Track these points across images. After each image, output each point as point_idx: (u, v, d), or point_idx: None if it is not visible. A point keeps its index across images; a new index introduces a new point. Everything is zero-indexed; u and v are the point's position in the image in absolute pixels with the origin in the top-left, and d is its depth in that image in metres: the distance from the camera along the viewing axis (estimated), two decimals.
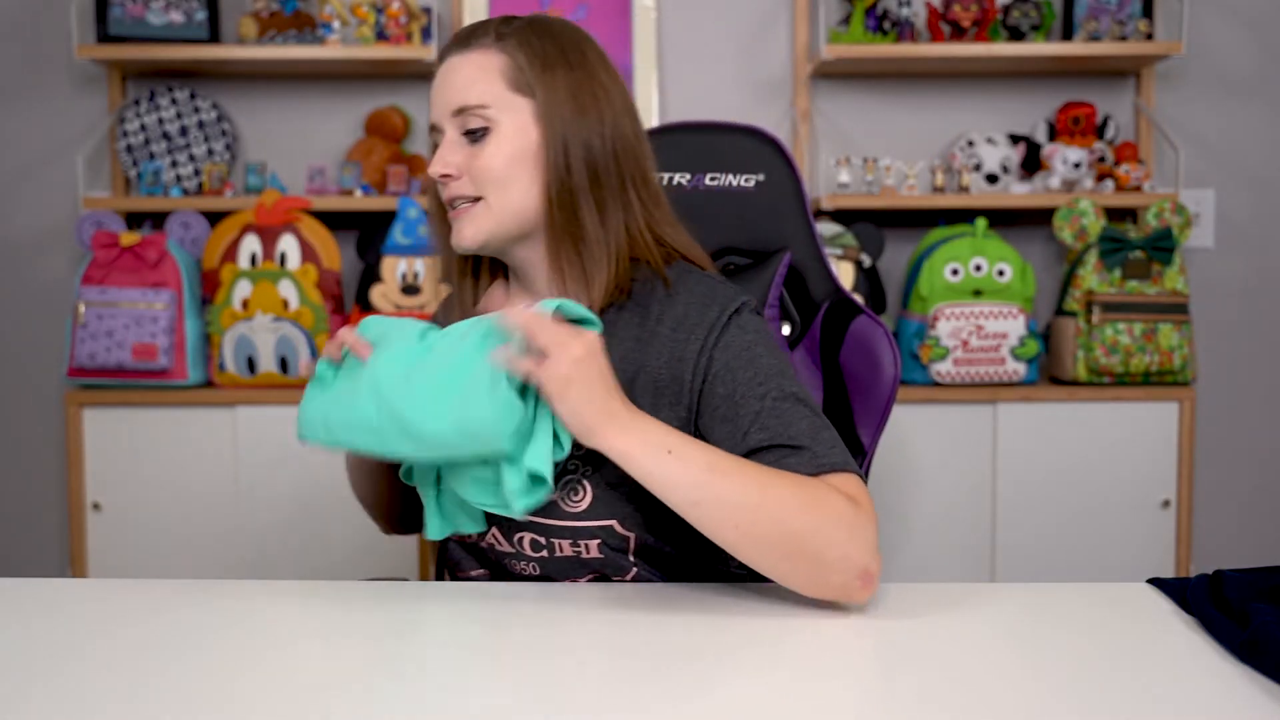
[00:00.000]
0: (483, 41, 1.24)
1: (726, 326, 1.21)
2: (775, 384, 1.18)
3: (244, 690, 0.92)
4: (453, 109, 1.23)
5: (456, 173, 1.23)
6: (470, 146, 1.24)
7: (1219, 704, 0.90)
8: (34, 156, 2.89)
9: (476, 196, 1.24)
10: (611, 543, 1.22)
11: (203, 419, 2.57)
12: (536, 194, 1.24)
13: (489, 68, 1.23)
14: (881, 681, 0.95)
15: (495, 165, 1.22)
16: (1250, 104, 2.88)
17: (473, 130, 1.23)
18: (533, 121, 1.23)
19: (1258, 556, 2.85)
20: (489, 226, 1.24)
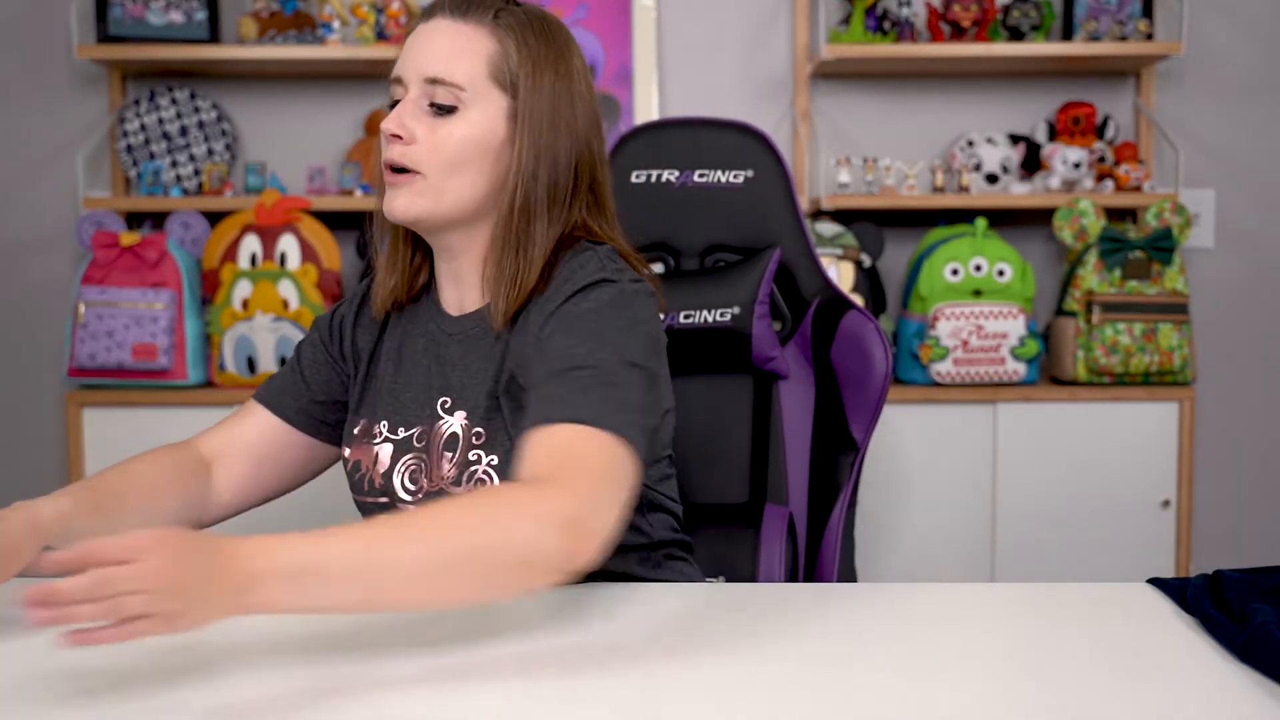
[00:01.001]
0: (479, 17, 1.20)
1: (571, 296, 1.16)
2: (588, 347, 1.11)
3: (244, 690, 0.92)
4: (427, 75, 1.18)
5: (409, 139, 1.18)
6: (430, 118, 1.19)
7: (1219, 704, 0.90)
8: (34, 156, 2.89)
9: (415, 169, 1.19)
10: None
11: (203, 419, 2.55)
12: (481, 188, 1.20)
13: (477, 49, 1.19)
14: (881, 681, 0.94)
15: (450, 148, 1.18)
16: (1250, 104, 2.88)
17: (438, 107, 1.19)
18: (503, 119, 1.20)
19: (1258, 556, 2.84)
20: (425, 205, 1.19)
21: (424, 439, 1.23)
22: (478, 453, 1.19)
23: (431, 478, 1.21)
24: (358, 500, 1.29)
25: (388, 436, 1.25)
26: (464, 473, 1.19)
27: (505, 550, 0.95)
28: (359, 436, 1.28)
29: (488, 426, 1.19)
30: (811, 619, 1.10)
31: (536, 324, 1.16)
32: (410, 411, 1.25)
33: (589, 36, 2.85)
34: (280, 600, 0.90)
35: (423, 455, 1.22)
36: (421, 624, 1.08)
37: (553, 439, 1.04)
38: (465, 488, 1.18)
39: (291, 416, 1.33)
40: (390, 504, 1.24)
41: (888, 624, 1.09)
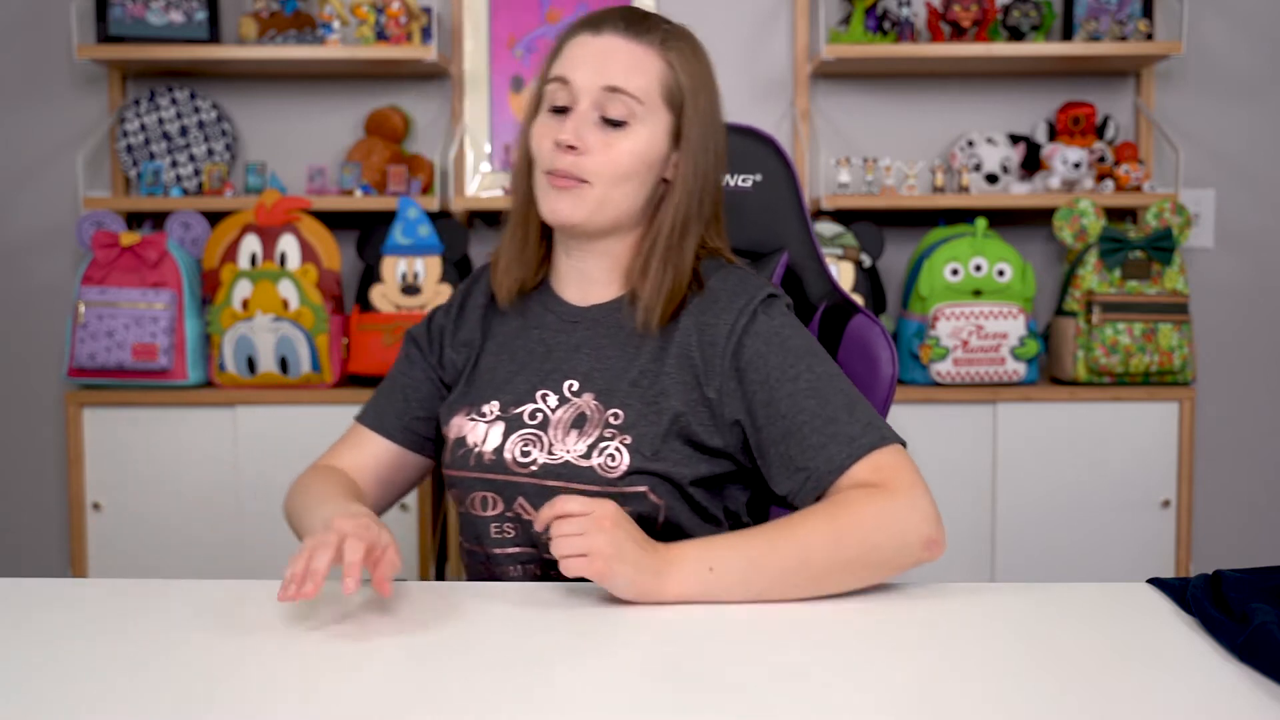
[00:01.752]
0: (649, 37, 1.26)
1: (755, 315, 1.26)
2: (806, 364, 1.23)
3: (244, 690, 0.92)
4: (606, 85, 1.24)
5: (583, 149, 1.25)
6: (602, 130, 1.25)
7: (1219, 704, 0.90)
8: (34, 156, 2.89)
9: (584, 179, 1.25)
10: (644, 510, 1.25)
11: (203, 419, 2.58)
12: (639, 200, 1.28)
13: (650, 68, 1.26)
14: (881, 681, 0.94)
15: (622, 161, 1.25)
16: (1250, 104, 2.88)
17: (612, 118, 1.25)
18: (665, 136, 1.27)
19: (1258, 556, 2.85)
20: (588, 212, 1.26)
21: (538, 415, 1.29)
22: (612, 431, 1.25)
23: (552, 452, 1.26)
24: (458, 475, 1.32)
25: (499, 415, 1.30)
26: (595, 449, 1.25)
27: (870, 554, 1.13)
28: (464, 416, 1.33)
29: (627, 411, 1.26)
30: (811, 619, 1.10)
31: (722, 335, 1.26)
32: (523, 392, 1.31)
33: None
34: (688, 592, 1.11)
35: (539, 431, 1.28)
36: (423, 624, 1.08)
37: (861, 465, 1.18)
38: (595, 461, 1.24)
39: (396, 436, 1.39)
40: (502, 480, 1.28)
41: (887, 624, 1.09)
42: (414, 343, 1.42)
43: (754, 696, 0.91)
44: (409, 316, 2.59)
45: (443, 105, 2.89)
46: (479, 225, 2.92)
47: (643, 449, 1.24)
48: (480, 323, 1.39)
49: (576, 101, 1.25)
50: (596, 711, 0.89)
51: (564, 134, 1.24)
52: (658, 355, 1.28)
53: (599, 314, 1.33)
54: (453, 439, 1.33)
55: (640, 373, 1.28)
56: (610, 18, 1.27)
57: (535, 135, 1.28)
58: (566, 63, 1.27)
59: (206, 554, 2.57)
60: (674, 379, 1.27)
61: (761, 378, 1.23)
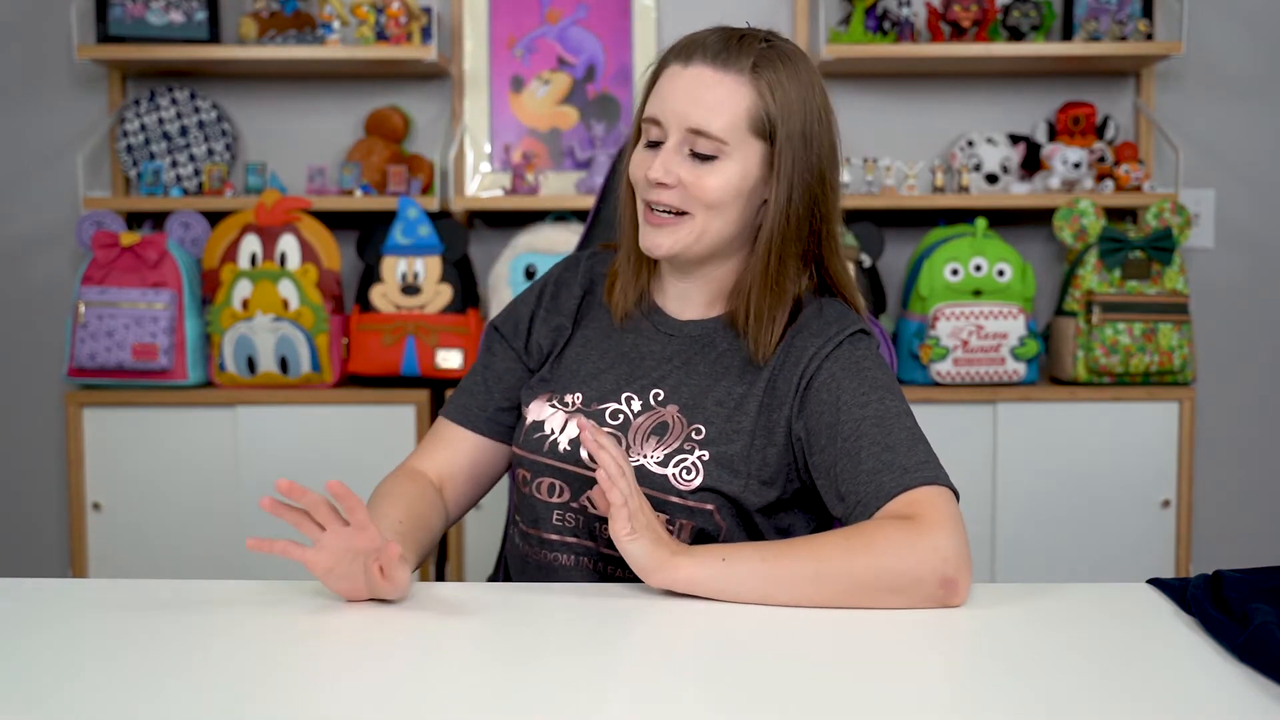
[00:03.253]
0: (738, 66, 1.25)
1: (841, 344, 1.28)
2: (878, 396, 1.24)
3: (244, 690, 0.92)
4: (689, 126, 1.25)
5: (674, 184, 1.26)
6: (692, 164, 1.26)
7: (1219, 704, 0.90)
8: (34, 156, 2.89)
9: (682, 211, 1.26)
10: (708, 528, 1.27)
11: (203, 419, 2.57)
12: (736, 226, 1.29)
13: (738, 103, 1.25)
14: (881, 681, 0.94)
15: (712, 194, 1.26)
16: (1250, 104, 2.88)
17: (700, 152, 1.25)
18: (758, 163, 1.27)
19: (1258, 556, 2.84)
20: (686, 243, 1.28)
21: (619, 416, 1.31)
22: (693, 444, 1.27)
23: (628, 454, 1.28)
24: (531, 458, 1.33)
25: (580, 408, 1.33)
26: (673, 459, 1.27)
27: (881, 575, 1.12)
28: (545, 402, 1.35)
29: (709, 428, 1.28)
30: (810, 619, 1.10)
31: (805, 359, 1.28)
32: (608, 390, 1.33)
33: (589, 36, 2.85)
34: (697, 577, 1.13)
35: (619, 432, 1.30)
36: (424, 625, 1.08)
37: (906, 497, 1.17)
38: (670, 470, 1.26)
39: (482, 427, 1.40)
40: (574, 471, 1.30)
41: (887, 624, 1.09)
42: (497, 332, 1.43)
43: (748, 697, 0.91)
44: (409, 316, 2.59)
45: (443, 105, 2.89)
46: (479, 225, 2.92)
47: (719, 468, 1.26)
48: (575, 311, 1.40)
49: (666, 137, 1.27)
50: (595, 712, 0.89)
51: (654, 171, 1.25)
52: (746, 380, 1.30)
53: (695, 330, 1.35)
54: (530, 420, 1.34)
55: (727, 394, 1.30)
56: (701, 45, 1.27)
57: (632, 165, 1.30)
58: (657, 100, 1.28)
59: (206, 554, 2.57)
60: (757, 403, 1.28)
61: (831, 399, 1.24)
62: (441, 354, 2.59)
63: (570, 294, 1.41)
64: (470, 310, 2.64)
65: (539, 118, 2.86)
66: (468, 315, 2.62)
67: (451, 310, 2.61)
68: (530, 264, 2.62)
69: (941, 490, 1.18)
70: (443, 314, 2.60)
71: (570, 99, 2.86)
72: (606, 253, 1.45)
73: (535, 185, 2.76)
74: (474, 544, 2.61)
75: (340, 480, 1.09)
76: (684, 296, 1.36)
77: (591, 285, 1.42)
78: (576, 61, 2.85)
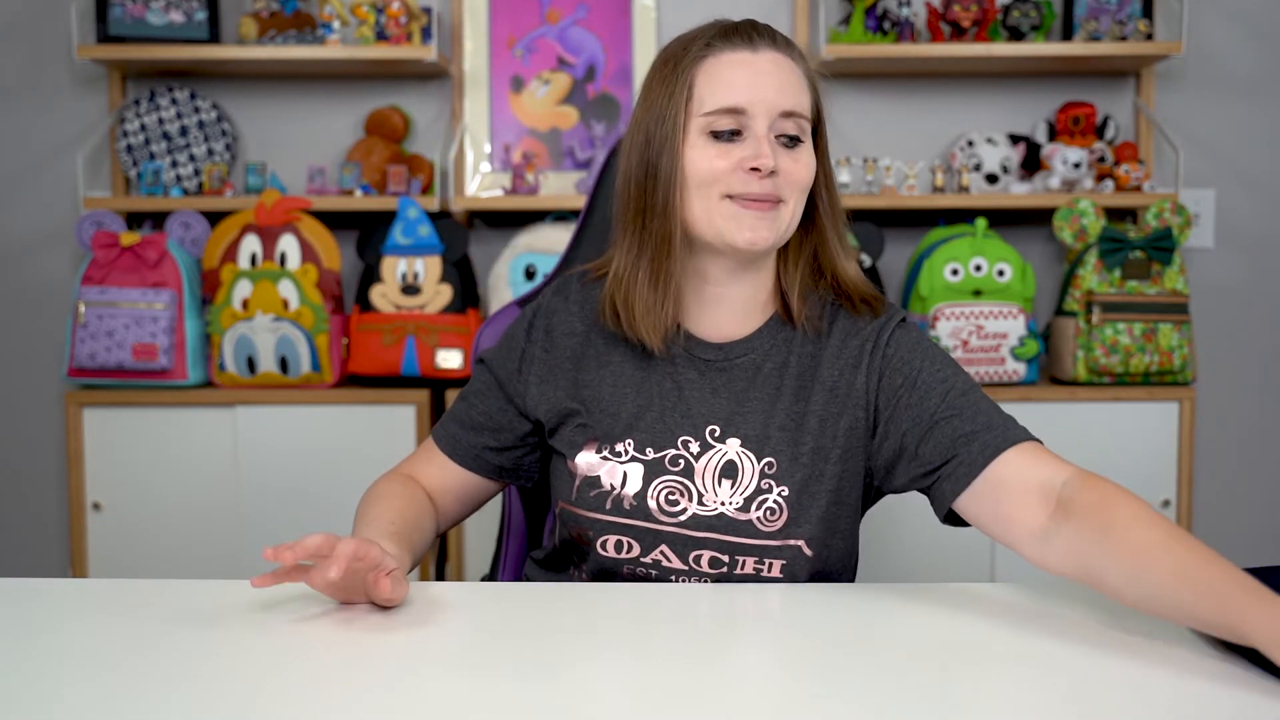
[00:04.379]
0: (791, 51, 1.25)
1: (894, 332, 1.27)
2: (953, 370, 1.24)
3: (244, 690, 0.92)
4: (783, 109, 1.22)
5: (773, 169, 1.21)
6: (784, 150, 1.23)
7: (1219, 704, 0.90)
8: (34, 156, 2.89)
9: (781, 198, 1.23)
10: (795, 563, 1.23)
11: (203, 419, 2.57)
12: (799, 216, 1.26)
13: (803, 82, 1.25)
14: (881, 681, 0.94)
15: (805, 177, 1.24)
16: (1250, 104, 2.88)
17: (789, 139, 1.23)
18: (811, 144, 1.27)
19: (1258, 556, 2.85)
20: (783, 231, 1.24)
21: (680, 462, 1.24)
22: (769, 481, 1.23)
23: (703, 502, 1.23)
24: (591, 517, 1.26)
25: (635, 456, 1.25)
26: (753, 501, 1.22)
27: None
28: (594, 453, 1.27)
29: (779, 458, 1.23)
30: (811, 619, 1.10)
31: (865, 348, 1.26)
32: (659, 434, 1.25)
33: (589, 36, 2.85)
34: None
35: (684, 479, 1.24)
36: (424, 624, 1.08)
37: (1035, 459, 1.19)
38: (754, 514, 1.22)
39: (469, 464, 1.36)
40: (645, 528, 1.24)
41: (887, 624, 1.09)
42: (490, 372, 1.34)
43: (747, 697, 0.91)
44: (409, 316, 2.59)
45: (443, 105, 2.89)
46: (479, 225, 2.92)
47: (800, 499, 1.22)
48: (581, 347, 1.31)
49: (750, 126, 1.21)
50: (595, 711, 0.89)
51: (764, 158, 1.19)
52: (801, 393, 1.26)
53: (736, 351, 1.28)
54: (581, 476, 1.26)
55: (786, 415, 1.25)
56: (753, 31, 1.24)
57: (703, 162, 1.21)
58: (730, 88, 1.21)
59: (206, 554, 2.57)
60: (819, 415, 1.24)
61: (907, 380, 1.23)
62: (441, 354, 2.59)
63: (567, 331, 1.32)
64: (470, 310, 2.64)
65: (539, 118, 2.86)
66: (468, 315, 2.62)
67: (451, 310, 2.61)
68: (530, 264, 2.62)
69: (1038, 445, 1.21)
70: (443, 314, 2.60)
71: (570, 99, 2.86)
72: (590, 278, 1.34)
73: (535, 185, 2.76)
74: (474, 544, 2.61)
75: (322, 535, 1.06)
76: (717, 309, 1.28)
77: (594, 317, 1.31)
78: (576, 61, 2.85)
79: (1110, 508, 1.09)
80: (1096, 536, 1.08)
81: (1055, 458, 1.19)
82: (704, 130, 1.22)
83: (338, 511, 2.55)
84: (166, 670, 0.96)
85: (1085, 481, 1.14)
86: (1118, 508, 1.09)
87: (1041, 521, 1.14)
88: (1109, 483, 1.12)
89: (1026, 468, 1.18)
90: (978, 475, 1.18)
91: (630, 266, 1.26)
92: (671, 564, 1.23)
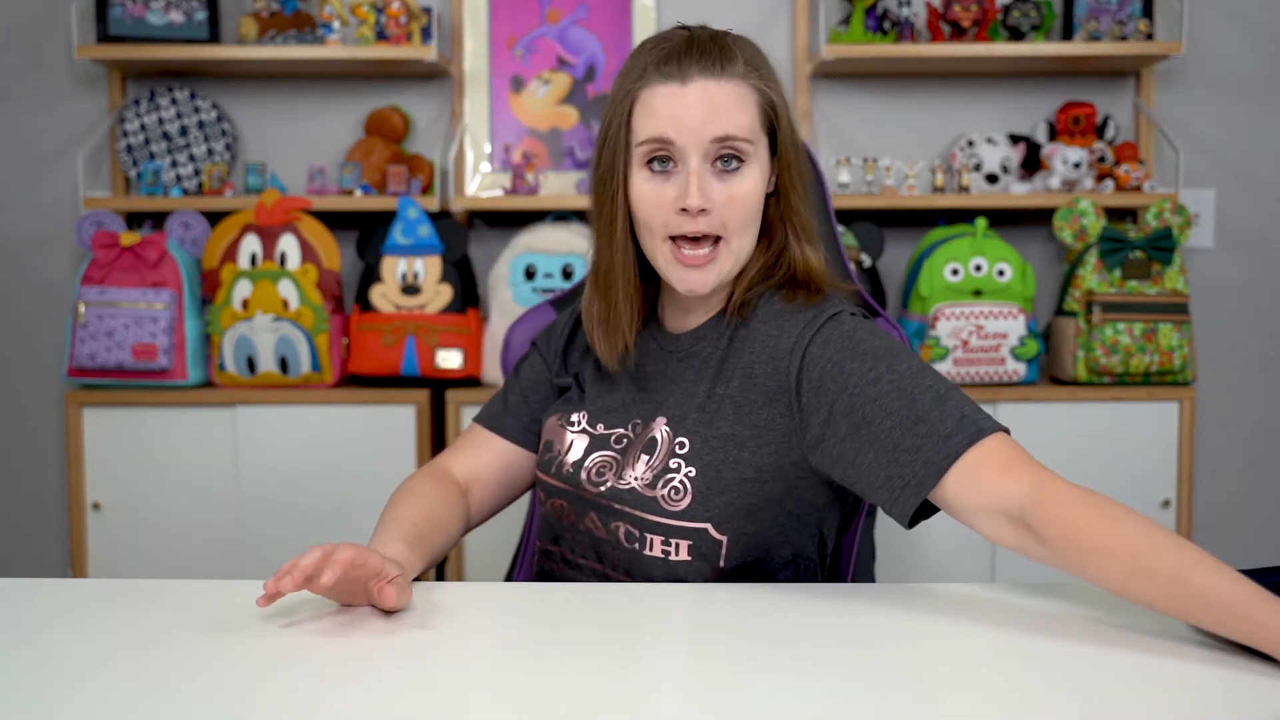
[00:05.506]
0: (734, 70, 1.23)
1: (822, 327, 1.21)
2: (886, 364, 1.16)
3: (244, 691, 0.92)
4: (713, 136, 1.20)
5: (710, 207, 1.20)
6: (719, 179, 1.21)
7: (1219, 703, 0.90)
8: (34, 156, 2.90)
9: (716, 237, 1.22)
10: (702, 546, 1.22)
11: (203, 419, 2.57)
12: (756, 233, 1.25)
13: (746, 102, 1.22)
14: (881, 681, 0.95)
15: (748, 205, 1.22)
16: (1250, 104, 2.88)
17: (726, 160, 1.21)
18: (768, 160, 1.25)
19: (1258, 556, 2.85)
20: (725, 271, 1.24)
21: (623, 441, 1.28)
22: (678, 461, 1.23)
23: (621, 476, 1.25)
24: (541, 478, 1.35)
25: (585, 429, 1.31)
26: (659, 478, 1.23)
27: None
28: (556, 421, 1.36)
29: (692, 439, 1.23)
30: (812, 619, 1.10)
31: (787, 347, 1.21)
32: (615, 415, 1.31)
33: (589, 36, 2.85)
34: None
35: (616, 454, 1.28)
36: (424, 624, 1.08)
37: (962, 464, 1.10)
38: (660, 492, 1.22)
39: (516, 436, 1.40)
40: (575, 493, 1.29)
41: (887, 624, 1.09)
42: (536, 349, 1.43)
43: (747, 697, 0.91)
44: (409, 316, 2.59)
45: (443, 105, 2.89)
46: (479, 225, 2.92)
47: (707, 482, 1.21)
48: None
49: (685, 158, 1.21)
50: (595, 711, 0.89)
51: (691, 199, 1.19)
52: (721, 377, 1.25)
53: (689, 341, 1.30)
54: (544, 440, 1.36)
55: (706, 396, 1.25)
56: (687, 58, 1.22)
57: (644, 201, 1.22)
58: (660, 120, 1.20)
59: (206, 554, 2.57)
60: (736, 400, 1.23)
61: (839, 385, 1.17)
62: (441, 354, 2.59)
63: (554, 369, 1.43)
64: (470, 310, 2.64)
65: (539, 118, 2.86)
66: (468, 315, 2.62)
67: (451, 310, 2.61)
68: (530, 264, 2.62)
69: (995, 440, 1.10)
70: (443, 314, 2.60)
71: (570, 99, 2.86)
72: None
73: (535, 185, 2.76)
74: (474, 544, 2.61)
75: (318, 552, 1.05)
76: (681, 307, 1.32)
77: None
78: (576, 61, 2.85)
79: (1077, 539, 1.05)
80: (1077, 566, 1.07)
81: (1003, 472, 1.09)
82: (642, 160, 1.23)
83: (338, 512, 2.56)
84: (166, 670, 0.96)
85: (1044, 505, 1.07)
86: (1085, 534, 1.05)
87: (1017, 543, 1.11)
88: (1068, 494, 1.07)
89: (977, 491, 1.10)
90: (927, 493, 1.12)
91: (590, 289, 1.32)
92: (599, 534, 1.27)
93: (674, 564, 1.22)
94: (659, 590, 1.19)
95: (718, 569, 1.23)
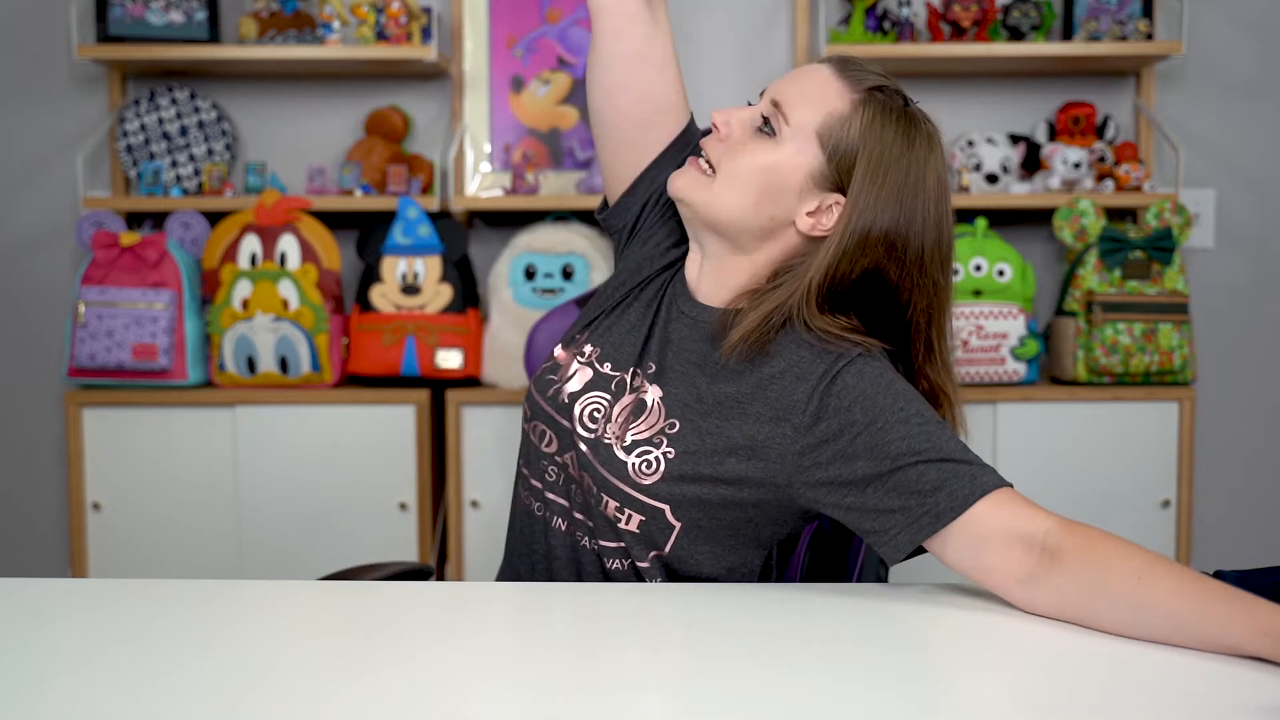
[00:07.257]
0: (853, 79, 1.25)
1: (855, 359, 1.20)
2: (915, 409, 1.18)
3: (244, 690, 0.92)
4: (775, 98, 1.25)
5: (726, 135, 1.25)
6: (751, 135, 1.25)
7: (1219, 702, 0.90)
8: (34, 156, 2.89)
9: (712, 163, 1.26)
10: (655, 525, 1.22)
11: (203, 419, 2.57)
12: (749, 222, 1.24)
13: (831, 104, 1.23)
14: (881, 681, 0.94)
15: (743, 164, 1.24)
16: (1250, 104, 2.88)
17: (766, 123, 1.24)
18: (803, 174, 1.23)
19: (1258, 556, 2.84)
20: (695, 198, 1.26)
21: (620, 388, 1.28)
22: (662, 438, 1.23)
23: (605, 430, 1.26)
24: (534, 397, 1.33)
25: (592, 363, 1.31)
26: (637, 447, 1.23)
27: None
28: (572, 344, 1.35)
29: (684, 424, 1.23)
30: (812, 619, 1.10)
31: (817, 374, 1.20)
32: (621, 355, 1.31)
33: (589, 37, 2.85)
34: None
35: (611, 402, 1.27)
36: (424, 623, 1.08)
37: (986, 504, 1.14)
38: (632, 459, 1.22)
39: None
40: (561, 420, 1.29)
41: (887, 624, 1.09)
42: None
43: (748, 696, 0.91)
44: (409, 316, 2.59)
45: (443, 105, 2.89)
46: (479, 225, 2.92)
47: (681, 468, 1.21)
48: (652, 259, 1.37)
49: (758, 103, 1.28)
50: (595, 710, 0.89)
51: (719, 116, 1.26)
52: (734, 375, 1.23)
53: (706, 316, 1.29)
54: (550, 361, 1.35)
55: (711, 388, 1.24)
56: (845, 59, 1.28)
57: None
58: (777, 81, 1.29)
59: (206, 554, 2.57)
60: (742, 407, 1.22)
61: (869, 418, 1.16)
62: (441, 354, 2.59)
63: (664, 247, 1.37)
64: (470, 310, 2.64)
65: (539, 118, 2.86)
66: (468, 315, 2.62)
67: (451, 310, 2.61)
68: (530, 264, 2.62)
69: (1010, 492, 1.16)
70: (443, 314, 2.60)
71: (570, 99, 2.86)
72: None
73: (535, 185, 2.76)
74: (474, 544, 2.61)
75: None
76: (706, 278, 1.30)
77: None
78: (576, 61, 2.85)
79: (1098, 546, 1.09)
80: (1090, 574, 1.07)
81: (1032, 506, 1.16)
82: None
83: (338, 512, 2.56)
84: (166, 670, 0.96)
85: (1068, 527, 1.13)
86: (1104, 543, 1.09)
87: (1028, 568, 1.10)
88: (1091, 527, 1.12)
89: (1002, 518, 1.13)
90: (947, 525, 1.13)
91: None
92: (571, 472, 1.28)
93: (620, 530, 1.24)
94: (660, 590, 1.19)
95: (659, 551, 1.23)
